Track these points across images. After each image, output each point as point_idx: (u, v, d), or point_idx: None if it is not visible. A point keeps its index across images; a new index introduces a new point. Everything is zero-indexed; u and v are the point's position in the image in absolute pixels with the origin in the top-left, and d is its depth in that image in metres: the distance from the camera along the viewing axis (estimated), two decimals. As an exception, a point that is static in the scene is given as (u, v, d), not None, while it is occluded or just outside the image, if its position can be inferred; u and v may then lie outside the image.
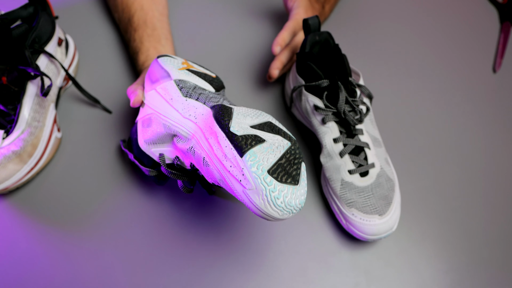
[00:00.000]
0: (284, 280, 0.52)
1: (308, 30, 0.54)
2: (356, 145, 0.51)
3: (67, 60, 0.61)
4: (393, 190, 0.51)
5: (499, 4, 0.73)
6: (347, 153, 0.52)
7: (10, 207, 0.55)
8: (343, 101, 0.50)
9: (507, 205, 0.57)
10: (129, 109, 0.61)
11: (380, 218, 0.50)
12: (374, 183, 0.51)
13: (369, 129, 0.53)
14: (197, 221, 0.55)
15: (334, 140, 0.52)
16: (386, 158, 0.53)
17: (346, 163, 0.51)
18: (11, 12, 0.54)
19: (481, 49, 0.69)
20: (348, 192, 0.51)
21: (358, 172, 0.51)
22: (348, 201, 0.51)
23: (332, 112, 0.52)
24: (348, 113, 0.50)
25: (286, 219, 0.46)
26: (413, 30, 0.70)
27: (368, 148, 0.52)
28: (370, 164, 0.51)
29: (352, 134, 0.52)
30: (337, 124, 0.52)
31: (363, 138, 0.52)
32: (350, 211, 0.51)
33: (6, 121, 0.52)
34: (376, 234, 0.50)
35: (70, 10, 0.69)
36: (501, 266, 0.54)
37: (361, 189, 0.51)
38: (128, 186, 0.56)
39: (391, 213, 0.50)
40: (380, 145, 0.54)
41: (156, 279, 0.51)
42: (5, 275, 0.51)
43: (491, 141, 0.62)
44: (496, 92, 0.66)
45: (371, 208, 0.50)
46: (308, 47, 0.54)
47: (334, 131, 0.52)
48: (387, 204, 0.50)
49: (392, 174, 0.53)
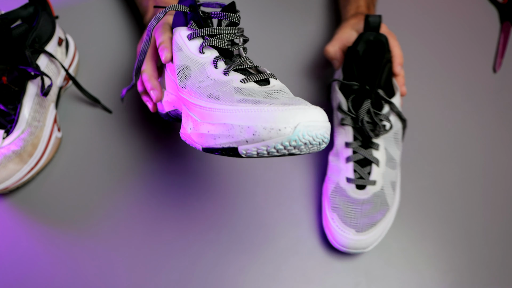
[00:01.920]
0: (284, 280, 0.52)
1: (367, 28, 0.53)
2: (365, 157, 0.50)
3: (67, 60, 0.61)
4: (383, 214, 0.50)
5: (499, 4, 0.73)
6: (352, 161, 0.51)
7: (10, 207, 0.55)
8: (365, 109, 0.49)
9: (507, 205, 0.57)
10: (129, 109, 0.61)
11: (355, 234, 0.49)
12: (367, 199, 0.49)
13: (390, 147, 0.52)
14: (197, 221, 0.55)
15: (346, 144, 0.51)
16: (393, 182, 0.52)
17: (347, 169, 0.51)
18: (11, 12, 0.54)
19: (481, 49, 0.69)
20: (338, 197, 0.51)
21: (355, 183, 0.50)
22: (334, 205, 0.50)
23: (351, 117, 0.51)
24: (366, 123, 0.49)
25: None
26: (413, 30, 0.70)
27: (376, 164, 0.50)
28: (371, 181, 0.50)
29: (367, 145, 0.51)
30: (353, 130, 0.51)
31: (377, 153, 0.51)
32: (331, 215, 0.50)
33: (6, 121, 0.52)
34: (346, 247, 0.49)
35: (70, 10, 0.69)
36: (501, 266, 0.54)
37: (351, 199, 0.50)
38: (128, 186, 0.56)
39: (369, 235, 0.49)
40: (394, 167, 0.52)
41: (156, 279, 0.51)
42: (5, 275, 0.51)
43: (491, 141, 0.62)
44: (496, 92, 0.66)
45: (351, 221, 0.49)
46: (362, 44, 0.52)
47: (348, 135, 0.51)
48: (370, 225, 0.49)
49: (392, 200, 0.51)
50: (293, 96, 0.38)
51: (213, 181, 0.57)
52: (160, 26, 0.48)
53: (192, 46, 0.43)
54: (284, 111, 0.34)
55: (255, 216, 0.55)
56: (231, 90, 0.38)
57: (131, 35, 0.67)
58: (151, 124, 0.60)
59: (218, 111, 0.37)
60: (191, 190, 0.56)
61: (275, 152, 0.35)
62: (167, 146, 0.59)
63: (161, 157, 0.58)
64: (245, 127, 0.34)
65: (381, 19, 0.52)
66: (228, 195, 0.56)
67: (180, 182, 0.57)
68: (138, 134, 0.60)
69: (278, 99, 0.36)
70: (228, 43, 0.43)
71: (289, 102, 0.36)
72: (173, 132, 0.60)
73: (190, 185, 0.57)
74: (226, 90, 0.38)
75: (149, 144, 0.59)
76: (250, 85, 0.38)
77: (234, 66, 0.41)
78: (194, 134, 0.39)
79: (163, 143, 0.59)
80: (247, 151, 0.36)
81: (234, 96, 0.37)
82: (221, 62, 0.42)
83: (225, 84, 0.39)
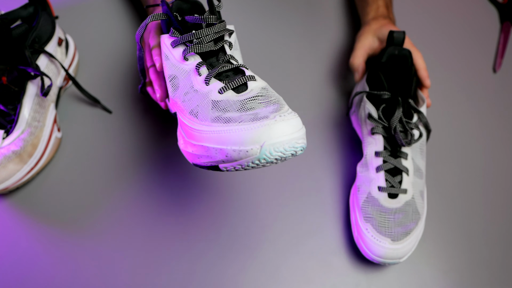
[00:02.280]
0: (284, 280, 0.52)
1: (390, 42, 0.54)
2: (395, 165, 0.50)
3: (67, 60, 0.61)
4: (416, 223, 0.50)
5: (499, 4, 0.73)
6: (383, 170, 0.51)
7: (10, 207, 0.55)
8: (397, 118, 0.49)
9: (507, 205, 0.57)
10: (129, 109, 0.61)
11: (391, 243, 0.48)
12: (399, 208, 0.49)
13: (416, 157, 0.52)
14: (197, 221, 0.55)
15: (375, 153, 0.52)
16: (422, 191, 0.52)
17: (379, 178, 0.51)
18: (11, 12, 0.54)
19: (481, 49, 0.69)
20: (370, 207, 0.50)
21: (387, 192, 0.50)
22: (367, 216, 0.50)
23: (383, 126, 0.51)
24: (399, 132, 0.50)
25: None
26: (413, 30, 0.70)
27: (406, 173, 0.50)
28: (403, 189, 0.50)
29: (396, 154, 0.51)
30: (384, 139, 0.52)
31: (406, 163, 0.51)
32: (365, 226, 0.50)
33: (6, 121, 0.52)
34: (381, 257, 0.49)
35: (70, 10, 0.69)
36: (501, 266, 0.54)
37: (384, 209, 0.50)
38: (128, 186, 0.56)
39: (404, 244, 0.48)
40: (421, 176, 0.52)
41: (156, 279, 0.51)
42: (5, 275, 0.51)
43: (491, 141, 0.62)
44: (496, 92, 0.66)
45: (386, 231, 0.49)
46: (385, 58, 0.54)
47: (379, 144, 0.52)
48: (404, 234, 0.49)
49: (422, 209, 0.51)
50: (270, 100, 0.38)
51: (213, 181, 0.57)
52: (153, 30, 0.48)
53: (176, 53, 0.43)
54: (250, 131, 0.35)
55: (255, 216, 0.55)
56: (209, 104, 0.39)
57: (131, 35, 0.67)
58: (151, 124, 0.60)
59: (196, 132, 0.39)
60: (191, 190, 0.56)
61: (251, 168, 0.37)
62: (167, 146, 0.59)
63: (161, 157, 0.58)
64: (218, 149, 0.36)
65: (405, 34, 0.54)
66: (228, 195, 0.56)
67: (180, 182, 0.57)
68: (138, 134, 0.60)
69: (252, 109, 0.37)
70: (210, 44, 0.42)
71: (261, 114, 0.36)
72: (173, 132, 0.60)
73: (191, 185, 0.57)
74: (204, 105, 0.39)
75: (149, 144, 0.59)
76: (227, 96, 0.39)
77: (214, 72, 0.41)
78: (184, 151, 0.40)
79: (163, 143, 0.59)
80: (226, 168, 0.38)
81: (210, 113, 0.38)
82: (203, 68, 0.42)
83: (204, 96, 0.40)
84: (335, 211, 0.56)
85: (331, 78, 0.65)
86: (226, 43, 0.44)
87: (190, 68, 0.42)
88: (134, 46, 0.66)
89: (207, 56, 0.43)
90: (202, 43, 0.42)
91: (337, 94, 0.64)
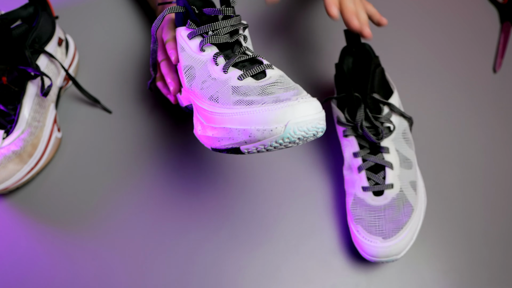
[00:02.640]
0: (284, 280, 0.52)
1: (348, 41, 0.54)
2: (376, 162, 0.50)
3: (67, 60, 0.61)
4: (409, 216, 0.49)
5: (499, 4, 0.73)
6: (364, 169, 0.50)
7: (10, 207, 0.55)
8: (361, 116, 0.49)
9: (507, 205, 0.57)
10: (129, 109, 0.61)
11: (383, 241, 0.48)
12: (387, 204, 0.49)
13: (402, 148, 0.51)
14: (197, 221, 0.55)
15: (354, 154, 0.51)
16: (413, 181, 0.51)
17: (361, 179, 0.50)
18: (11, 12, 0.54)
19: (481, 49, 0.69)
20: (358, 208, 0.50)
21: (371, 190, 0.50)
22: (356, 217, 0.50)
23: (351, 127, 0.51)
24: (367, 129, 0.49)
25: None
26: (413, 30, 0.70)
27: (390, 168, 0.50)
28: (388, 185, 0.49)
29: (377, 150, 0.51)
30: (356, 139, 0.51)
31: (388, 157, 0.50)
32: (356, 227, 0.50)
33: (6, 121, 0.52)
34: (375, 256, 0.48)
35: (70, 10, 0.69)
36: (501, 266, 0.54)
37: (372, 208, 0.49)
38: (128, 185, 0.56)
39: (397, 239, 0.48)
40: (410, 166, 0.51)
41: (156, 279, 0.51)
42: (5, 275, 0.51)
43: (491, 141, 0.62)
44: (496, 92, 0.66)
45: (376, 229, 0.48)
46: (341, 59, 0.54)
47: (354, 145, 0.51)
48: (396, 229, 0.48)
49: (415, 200, 0.50)
50: (288, 86, 0.39)
51: (213, 181, 0.57)
52: (166, 24, 0.48)
53: (193, 45, 0.44)
54: (274, 111, 0.36)
55: (255, 217, 0.55)
56: (229, 90, 0.40)
57: (131, 35, 0.67)
58: (151, 124, 0.60)
59: (217, 115, 0.39)
60: (191, 190, 0.56)
61: (273, 149, 0.38)
62: (167, 146, 0.59)
63: (161, 157, 0.58)
64: (241, 130, 0.37)
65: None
66: (228, 195, 0.56)
67: (180, 182, 0.57)
68: (138, 134, 0.60)
69: (273, 94, 0.38)
70: (226, 36, 0.43)
71: (282, 97, 0.37)
72: (173, 132, 0.60)
73: (190, 185, 0.57)
74: (224, 91, 0.40)
75: (149, 144, 0.59)
76: (246, 82, 0.40)
77: (232, 62, 0.41)
78: (202, 136, 0.41)
79: (163, 143, 0.59)
80: (248, 149, 0.38)
81: (231, 98, 0.39)
82: (221, 58, 0.43)
83: (224, 83, 0.40)
84: (335, 211, 0.56)
85: (327, 77, 0.65)
86: (241, 36, 0.45)
87: (207, 59, 0.43)
88: (135, 46, 0.66)
89: (223, 47, 0.44)
90: (219, 35, 0.43)
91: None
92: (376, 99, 0.50)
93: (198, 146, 0.59)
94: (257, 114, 0.36)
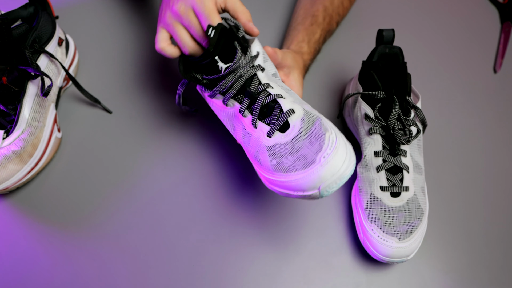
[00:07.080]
0: (284, 280, 0.52)
1: (380, 41, 0.54)
2: (395, 164, 0.50)
3: (67, 60, 0.61)
4: (420, 219, 0.50)
5: (499, 4, 0.73)
6: (384, 169, 0.51)
7: (10, 207, 0.55)
8: (395, 116, 0.49)
9: (507, 205, 0.57)
10: (129, 109, 0.61)
11: (398, 242, 0.48)
12: (402, 206, 0.50)
13: (414, 153, 0.52)
14: (197, 222, 0.55)
15: (375, 153, 0.51)
16: (422, 187, 0.52)
17: (380, 178, 0.51)
18: (11, 12, 0.54)
19: (482, 49, 0.69)
20: (374, 207, 0.50)
21: (389, 191, 0.50)
22: (371, 216, 0.50)
23: (381, 125, 0.51)
24: (397, 130, 0.49)
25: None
26: (413, 30, 0.70)
27: (407, 171, 0.50)
28: (405, 187, 0.50)
29: (395, 153, 0.51)
30: (382, 138, 0.51)
31: (405, 160, 0.51)
32: (370, 226, 0.50)
33: (6, 121, 0.52)
34: (389, 256, 0.49)
35: (70, 10, 0.69)
36: (501, 266, 0.54)
37: (388, 208, 0.50)
38: (128, 186, 0.56)
39: (410, 241, 0.49)
40: (421, 172, 0.52)
41: (156, 279, 0.51)
42: (5, 275, 0.51)
43: (491, 141, 0.62)
44: (496, 92, 0.66)
45: (392, 230, 0.49)
46: (376, 57, 0.53)
47: (377, 144, 0.51)
48: (409, 231, 0.49)
49: (425, 204, 0.51)
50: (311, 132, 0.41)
51: (213, 181, 0.57)
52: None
53: (217, 102, 0.46)
54: (306, 179, 0.40)
55: (256, 217, 0.55)
56: (265, 151, 0.43)
57: (131, 35, 0.67)
58: (151, 124, 0.60)
59: (264, 178, 0.44)
60: (191, 190, 0.56)
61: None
62: (167, 146, 0.59)
63: (160, 157, 0.58)
64: (285, 193, 0.42)
65: (394, 32, 0.54)
66: (228, 195, 0.56)
67: (180, 182, 0.57)
68: (138, 134, 0.60)
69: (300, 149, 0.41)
70: (240, 82, 0.44)
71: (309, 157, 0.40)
72: (173, 133, 0.60)
73: (190, 185, 0.57)
74: (262, 152, 0.44)
75: (149, 144, 0.59)
76: (276, 139, 0.42)
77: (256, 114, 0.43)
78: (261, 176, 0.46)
79: (163, 143, 0.59)
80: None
81: (269, 161, 0.43)
82: (246, 112, 0.44)
83: (257, 141, 0.44)
84: (335, 211, 0.56)
85: (322, 79, 0.65)
86: (258, 69, 0.45)
87: (234, 111, 0.45)
88: (135, 46, 0.66)
89: (244, 88, 0.45)
90: (232, 89, 0.44)
91: (329, 95, 0.64)
92: (409, 102, 0.51)
93: (198, 146, 0.59)
94: (294, 183, 0.41)
